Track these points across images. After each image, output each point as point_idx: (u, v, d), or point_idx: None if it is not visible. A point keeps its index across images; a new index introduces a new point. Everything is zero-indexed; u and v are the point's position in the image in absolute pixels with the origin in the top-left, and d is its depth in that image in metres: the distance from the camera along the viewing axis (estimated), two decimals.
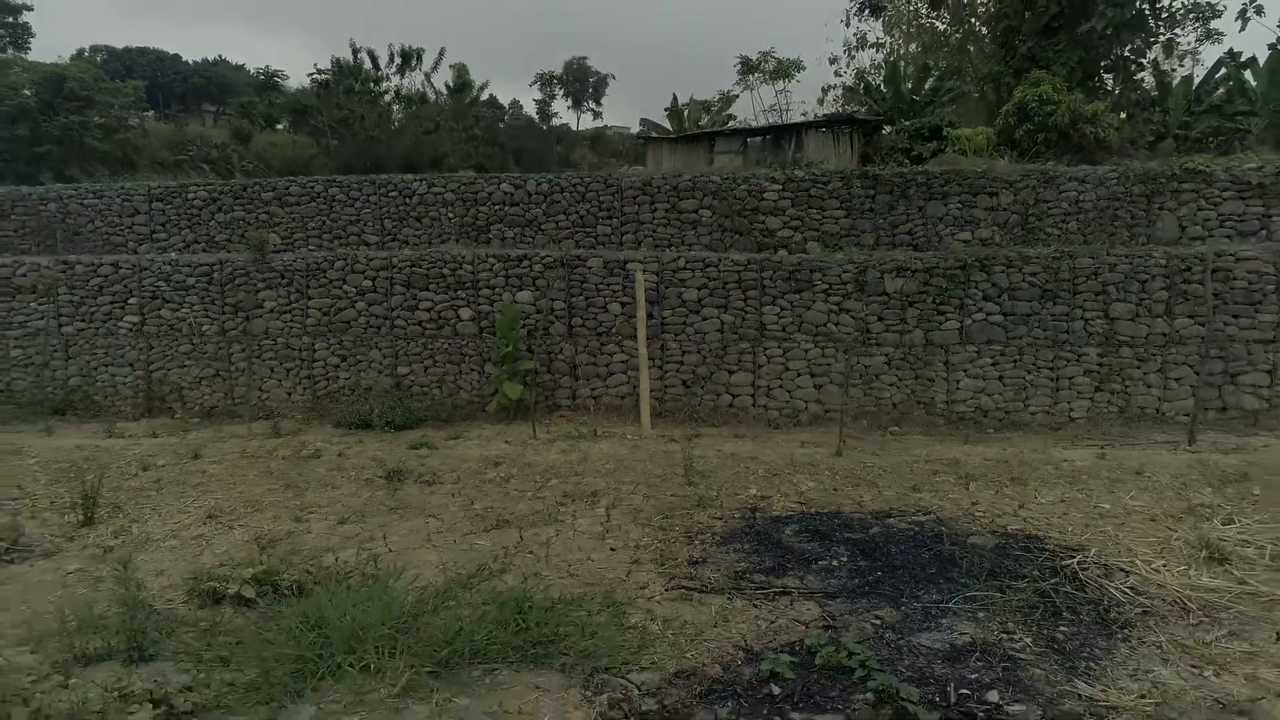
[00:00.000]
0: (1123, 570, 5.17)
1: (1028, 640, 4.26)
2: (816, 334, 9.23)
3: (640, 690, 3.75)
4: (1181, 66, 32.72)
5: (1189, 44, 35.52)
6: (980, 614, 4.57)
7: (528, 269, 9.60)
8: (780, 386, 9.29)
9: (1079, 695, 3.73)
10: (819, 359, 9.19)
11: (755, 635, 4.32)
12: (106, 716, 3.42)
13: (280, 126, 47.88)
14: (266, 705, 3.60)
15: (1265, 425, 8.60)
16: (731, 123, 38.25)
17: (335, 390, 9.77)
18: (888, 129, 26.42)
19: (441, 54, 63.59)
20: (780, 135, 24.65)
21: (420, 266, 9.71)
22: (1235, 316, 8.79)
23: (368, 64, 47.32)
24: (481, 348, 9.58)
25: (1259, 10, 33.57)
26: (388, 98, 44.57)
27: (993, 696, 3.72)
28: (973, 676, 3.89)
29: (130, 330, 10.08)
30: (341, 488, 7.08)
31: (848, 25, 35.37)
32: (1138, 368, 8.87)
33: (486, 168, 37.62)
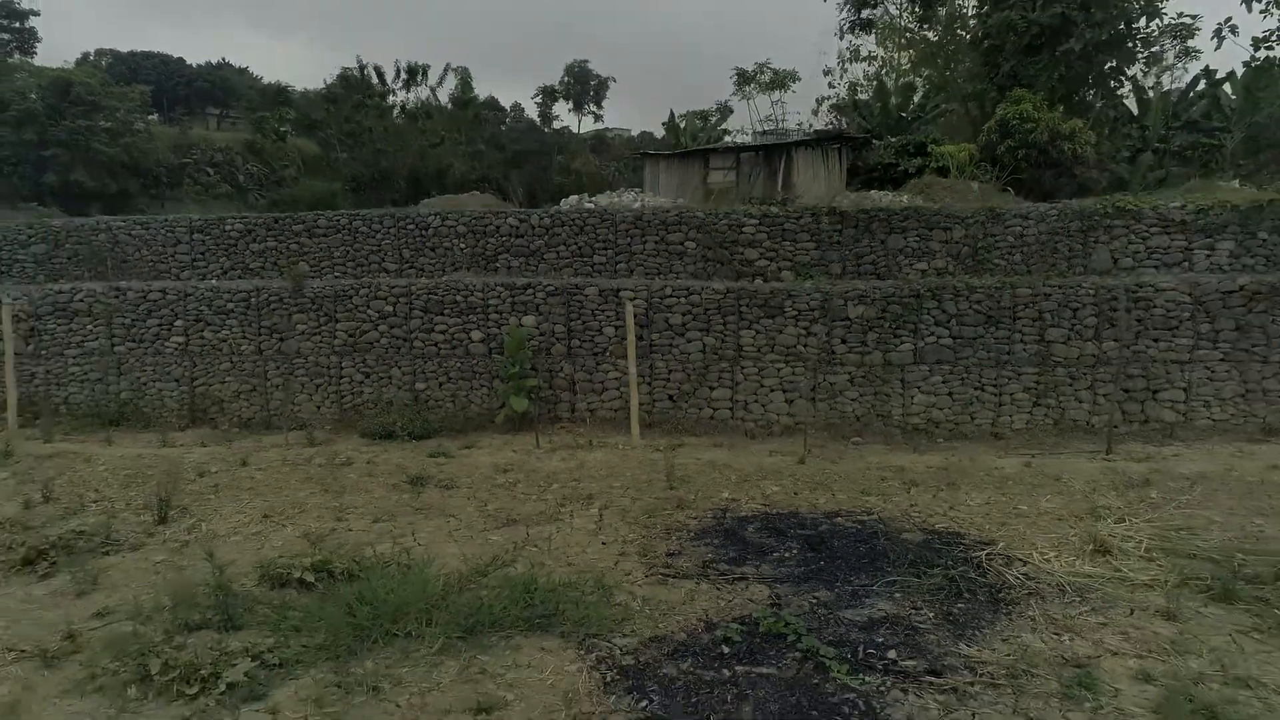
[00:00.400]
0: (1021, 560, 6.21)
1: (930, 615, 5.30)
2: (787, 354, 10.27)
3: (621, 651, 4.79)
4: (1159, 84, 33.74)
5: (1169, 61, 36.56)
6: (897, 595, 5.61)
7: (531, 296, 10.65)
8: (756, 401, 10.33)
9: (959, 654, 4.78)
10: (789, 376, 10.24)
11: (715, 611, 5.36)
12: (217, 666, 4.46)
13: (286, 129, 48.64)
14: (335, 660, 4.64)
15: (1179, 436, 9.63)
16: (726, 138, 39.26)
17: (360, 404, 10.82)
18: (878, 142, 27.50)
19: (446, 69, 64.36)
20: (771, 152, 25.75)
21: (436, 293, 10.76)
22: (1155, 340, 9.83)
23: (375, 78, 48.38)
24: (491, 366, 10.63)
25: (1233, 29, 34.73)
26: (395, 112, 45.60)
27: (891, 654, 4.77)
28: (880, 641, 4.93)
29: (176, 349, 11.12)
30: (373, 491, 8.12)
31: (841, 39, 36.31)
32: (1070, 385, 9.91)
33: (489, 177, 38.44)
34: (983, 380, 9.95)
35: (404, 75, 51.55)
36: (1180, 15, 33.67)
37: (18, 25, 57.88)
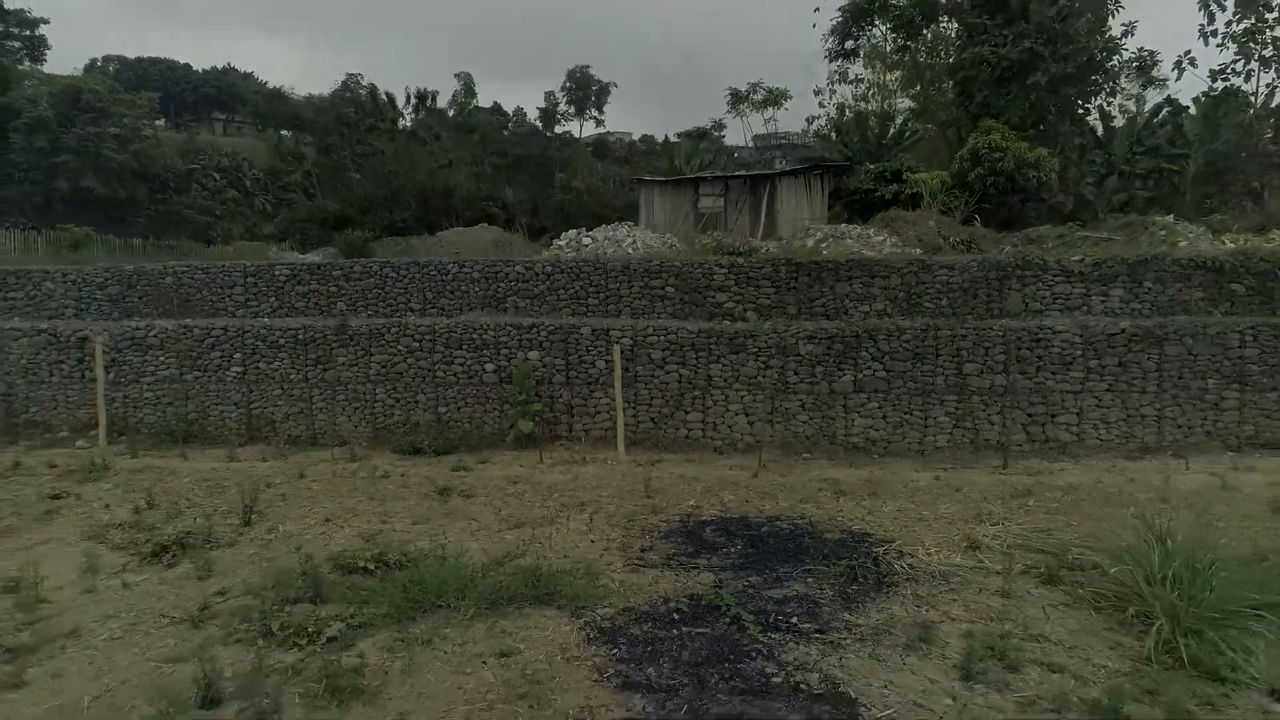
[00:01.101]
0: (910, 555, 7.95)
1: (830, 593, 7.05)
2: (749, 384, 12.02)
3: (601, 617, 6.55)
4: (1130, 109, 35.47)
5: (1134, 90, 38.36)
6: (809, 579, 7.36)
7: (535, 334, 12.40)
8: (722, 423, 12.08)
9: (843, 620, 6.53)
10: (751, 402, 11.98)
11: (672, 590, 7.11)
12: (317, 626, 6.21)
13: (303, 152, 50.12)
14: (397, 623, 6.39)
15: (1072, 454, 11.39)
16: (720, 151, 40.67)
17: (391, 424, 12.56)
18: (859, 168, 29.27)
19: (455, 95, 66.01)
20: (757, 181, 27.52)
21: (455, 332, 12.51)
22: (1053, 373, 11.58)
23: (386, 102, 50.05)
24: (501, 393, 12.37)
25: (1192, 62, 36.86)
26: (405, 136, 47.23)
27: (794, 620, 6.53)
28: (789, 610, 6.69)
29: (235, 377, 12.87)
30: (408, 499, 9.86)
31: (830, 62, 37.85)
32: (984, 410, 11.65)
33: (494, 195, 39.85)
34: (910, 406, 11.70)
35: (413, 100, 53.31)
36: (1141, 50, 35.50)
37: (28, 33, 58.55)
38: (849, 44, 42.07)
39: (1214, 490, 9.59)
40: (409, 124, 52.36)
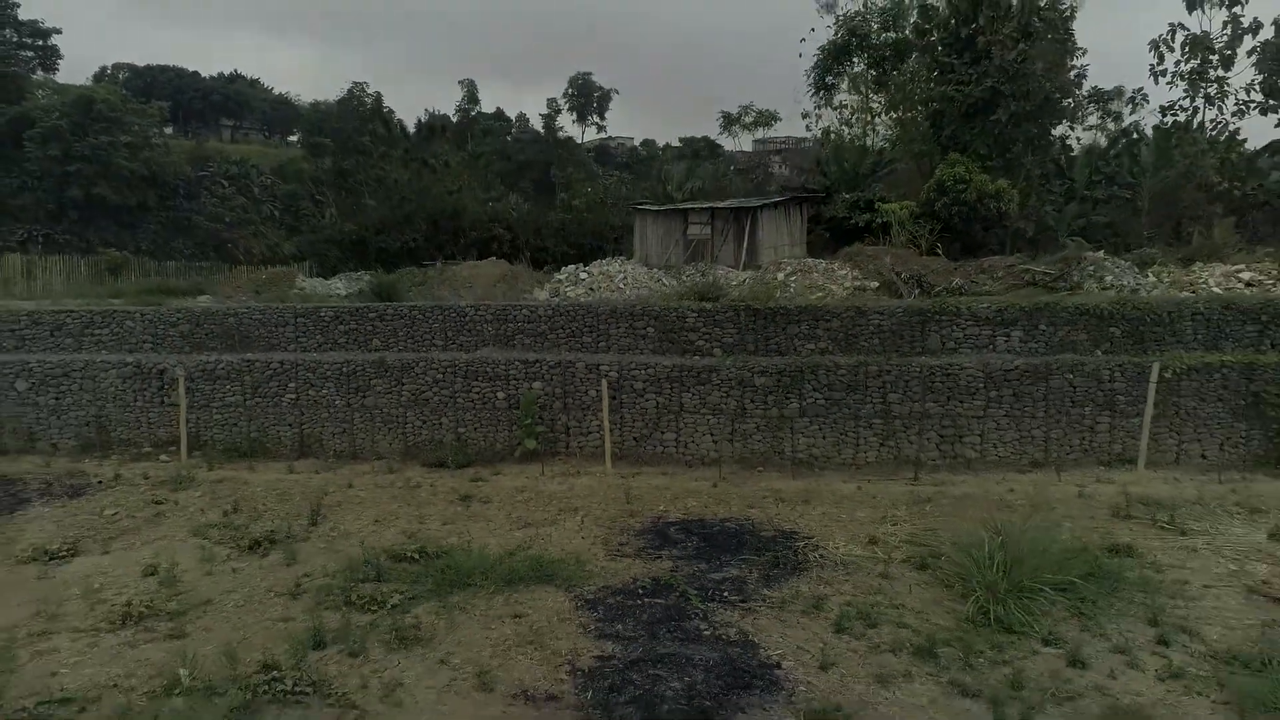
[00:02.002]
0: (822, 548, 10.20)
1: (756, 575, 9.30)
2: (714, 409, 14.26)
3: (587, 592, 8.81)
4: (1082, 144, 37.66)
5: (1095, 121, 40.56)
6: (743, 566, 9.60)
7: (539, 368, 14.65)
8: (692, 441, 14.32)
9: (763, 595, 8.79)
10: (715, 425, 14.22)
11: (640, 574, 9.35)
12: (382, 597, 8.47)
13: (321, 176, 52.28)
14: (439, 596, 8.63)
15: (974, 469, 13.62)
16: (702, 189, 42.93)
17: (419, 442, 14.79)
18: (837, 197, 31.47)
19: (465, 123, 68.49)
20: (740, 212, 29.71)
21: (473, 365, 14.75)
22: (961, 401, 13.82)
23: (400, 132, 52.35)
24: (510, 417, 14.61)
25: (1145, 98, 39.43)
26: (418, 164, 49.49)
27: (726, 594, 8.80)
28: (723, 588, 8.94)
29: (289, 403, 15.09)
30: (437, 505, 12.10)
31: (815, 93, 39.69)
32: (904, 432, 13.89)
33: (499, 217, 41.71)
34: (845, 428, 13.94)
35: (424, 129, 55.67)
36: (1095, 88, 37.66)
37: (40, 43, 59.52)
38: (829, 79, 44.50)
39: (1073, 498, 11.85)
40: (415, 144, 53.99)
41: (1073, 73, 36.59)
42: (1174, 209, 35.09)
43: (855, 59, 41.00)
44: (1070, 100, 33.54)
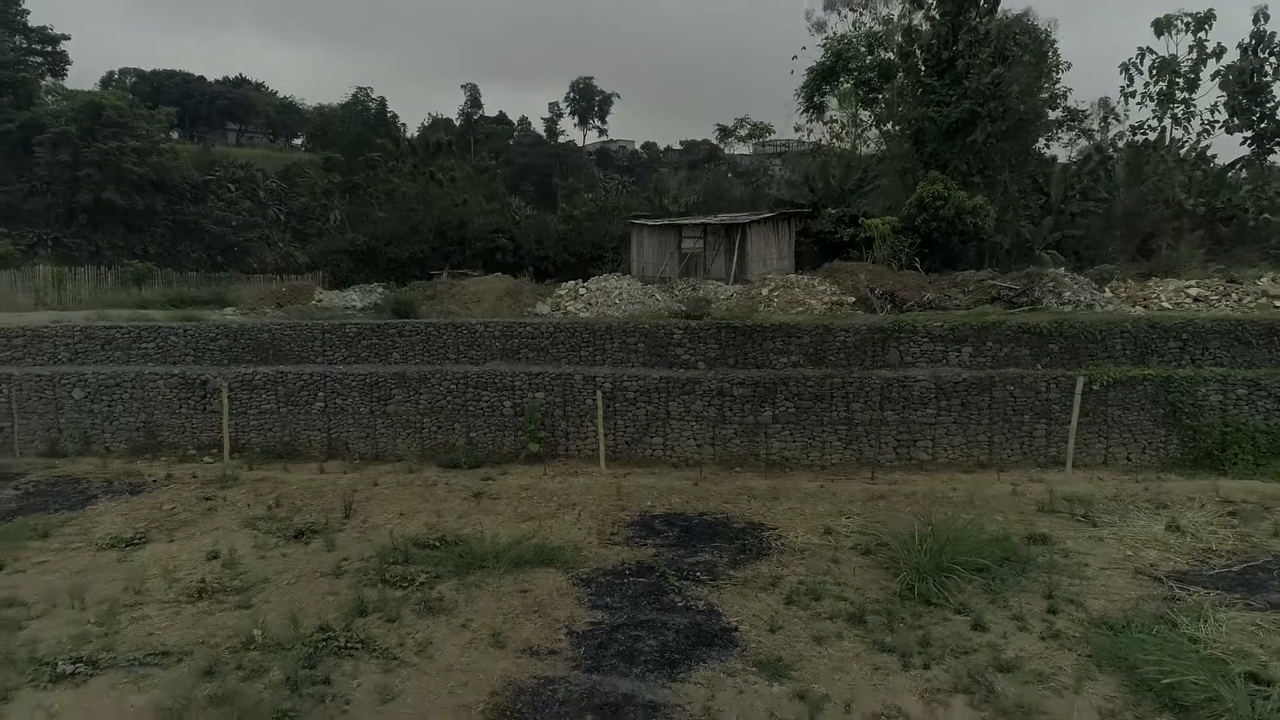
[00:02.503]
0: (784, 537, 11.74)
1: (725, 559, 10.85)
2: (697, 417, 15.80)
3: (582, 573, 10.37)
4: (1056, 160, 39.12)
5: (1071, 137, 42.01)
6: (715, 552, 11.15)
7: (542, 379, 16.20)
8: (678, 445, 15.85)
9: (730, 575, 10.34)
10: (698, 430, 15.77)
11: (628, 559, 10.88)
12: (412, 576, 10.02)
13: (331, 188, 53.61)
14: (459, 576, 10.19)
15: (926, 470, 15.14)
16: (698, 201, 44.22)
17: (435, 445, 16.34)
18: (824, 211, 32.89)
19: (469, 127, 69.50)
20: (731, 228, 31.17)
21: (482, 377, 16.30)
22: (915, 409, 15.37)
23: (409, 149, 53.92)
24: (516, 423, 16.16)
25: (1116, 117, 41.00)
26: (425, 178, 50.91)
27: (699, 574, 10.35)
28: (697, 569, 10.49)
29: (318, 410, 16.67)
30: (453, 501, 13.63)
31: (804, 112, 41.04)
32: (865, 437, 15.44)
33: (502, 227, 43.02)
34: (813, 433, 15.48)
35: (432, 148, 57.34)
36: (1067, 109, 39.09)
37: (50, 49, 59.98)
38: (817, 98, 46.07)
39: (1007, 495, 13.41)
40: (423, 158, 55.16)
41: (1045, 94, 38.18)
42: (1143, 224, 36.59)
43: (843, 79, 42.55)
44: (1043, 120, 34.98)
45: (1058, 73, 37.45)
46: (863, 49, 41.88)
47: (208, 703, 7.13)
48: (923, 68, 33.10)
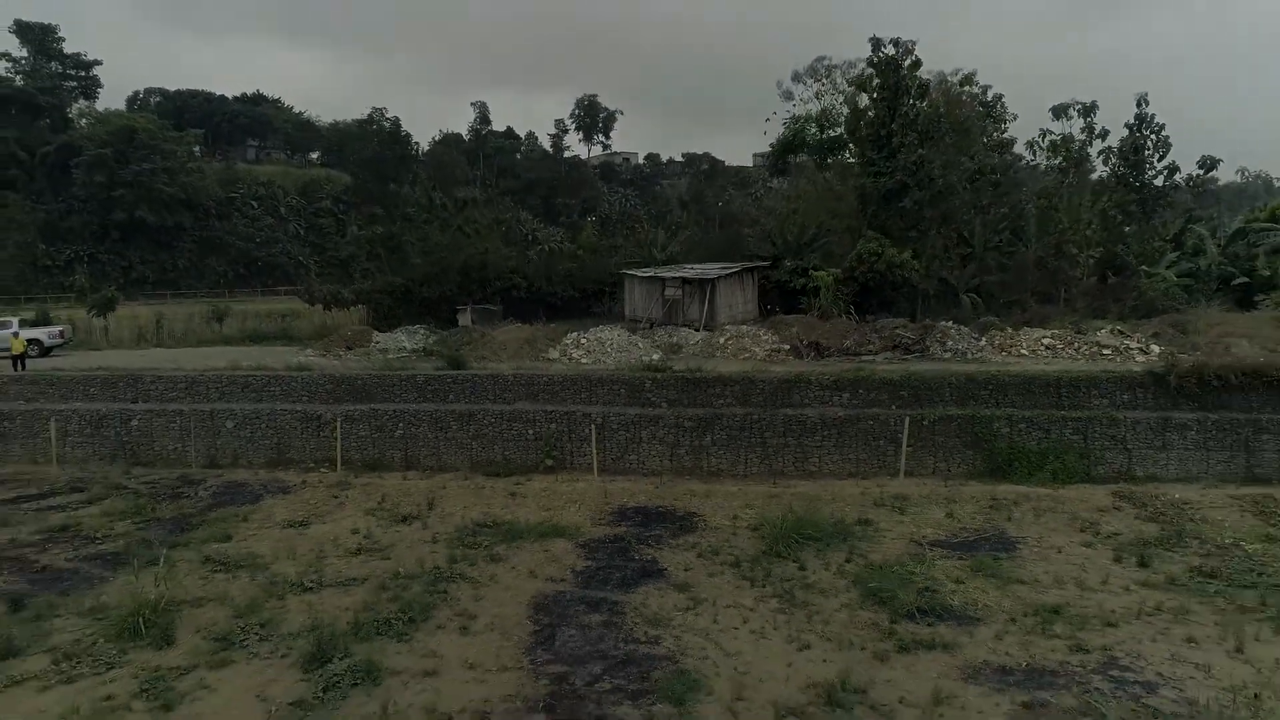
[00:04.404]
0: (708, 521, 17.68)
1: (667, 534, 16.82)
2: (661, 441, 21.78)
3: (580, 540, 16.37)
4: (980, 217, 45.03)
5: (987, 199, 48.24)
6: (663, 529, 17.16)
7: (554, 415, 22.19)
8: (647, 460, 21.80)
9: (670, 543, 16.32)
10: (660, 450, 21.66)
11: (609, 533, 16.85)
12: (479, 544, 16.06)
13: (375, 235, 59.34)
14: (505, 543, 16.17)
15: (815, 478, 21.04)
16: (681, 253, 50.11)
17: (480, 460, 22.19)
18: (782, 263, 38.82)
19: (478, 142, 75.50)
20: (704, 281, 37.17)
21: (513, 413, 22.32)
22: (808, 436, 21.33)
23: (440, 204, 60.20)
24: (537, 445, 22.08)
25: (1039, 169, 47.76)
26: (454, 230, 57.04)
27: (652, 542, 16.36)
28: (649, 540, 16.51)
29: (399, 435, 22.67)
30: (496, 498, 19.51)
31: (772, 174, 47.46)
32: (775, 455, 21.39)
33: (518, 269, 48.56)
34: (738, 453, 21.42)
35: (460, 203, 63.55)
36: (984, 176, 45.00)
37: (83, 74, 61.83)
38: (780, 164, 52.46)
39: (857, 494, 19.39)
40: (453, 212, 61.03)
41: (991, 142, 44.50)
42: (1048, 272, 42.75)
43: (800, 152, 48.96)
44: (962, 188, 40.92)
45: (1004, 123, 43.75)
46: (814, 129, 48.32)
47: (388, 599, 13.16)
48: (866, 141, 39.11)
